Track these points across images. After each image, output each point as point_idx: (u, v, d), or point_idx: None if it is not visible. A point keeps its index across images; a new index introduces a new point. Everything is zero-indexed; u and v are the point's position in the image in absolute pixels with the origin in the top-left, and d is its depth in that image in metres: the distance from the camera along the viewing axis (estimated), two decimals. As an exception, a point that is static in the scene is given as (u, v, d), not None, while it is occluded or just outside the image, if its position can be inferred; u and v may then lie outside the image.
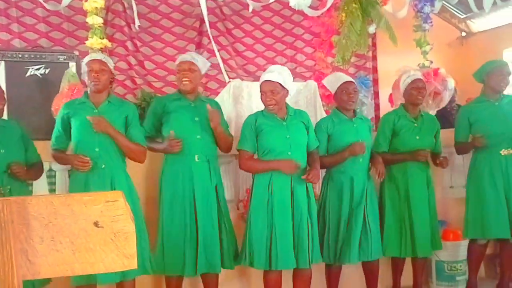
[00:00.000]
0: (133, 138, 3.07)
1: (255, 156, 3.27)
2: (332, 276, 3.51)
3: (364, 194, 3.39)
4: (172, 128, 3.12)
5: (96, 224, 1.19)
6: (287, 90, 3.21)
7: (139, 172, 3.29)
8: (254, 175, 3.29)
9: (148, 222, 3.12)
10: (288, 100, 3.32)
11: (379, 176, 3.41)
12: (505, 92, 3.73)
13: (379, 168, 3.41)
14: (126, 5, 6.11)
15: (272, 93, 3.13)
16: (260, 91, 3.18)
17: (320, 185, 3.56)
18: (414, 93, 3.62)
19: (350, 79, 3.55)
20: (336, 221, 3.37)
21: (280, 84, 3.14)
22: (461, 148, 3.78)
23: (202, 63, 3.28)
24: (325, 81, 3.71)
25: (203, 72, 3.31)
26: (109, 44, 4.65)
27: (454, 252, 3.98)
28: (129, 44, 6.23)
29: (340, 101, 3.49)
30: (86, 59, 3.09)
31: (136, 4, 5.39)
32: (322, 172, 3.49)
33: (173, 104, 3.22)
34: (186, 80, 3.18)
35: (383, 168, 3.42)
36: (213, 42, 5.60)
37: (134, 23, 5.62)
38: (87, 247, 1.19)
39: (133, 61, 6.23)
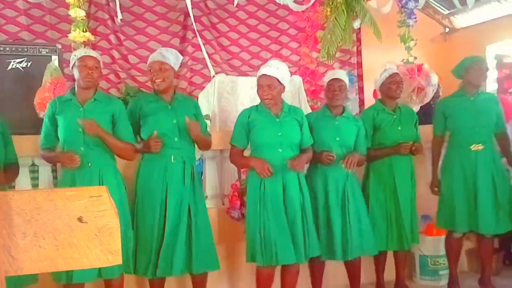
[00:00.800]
0: (122, 136, 3.03)
1: (247, 151, 3.27)
2: (316, 271, 3.52)
3: (343, 193, 3.38)
4: (150, 131, 3.10)
5: (80, 219, 1.18)
6: (284, 86, 3.19)
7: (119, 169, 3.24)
8: (248, 173, 3.29)
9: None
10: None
11: (346, 166, 3.25)
12: (482, 89, 3.78)
13: (349, 157, 3.28)
14: (109, -2, 6.04)
15: (269, 87, 3.11)
16: (257, 85, 3.16)
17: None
18: (393, 87, 3.65)
19: (338, 76, 3.51)
20: (321, 218, 3.36)
21: (278, 79, 3.12)
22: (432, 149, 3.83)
23: (174, 59, 3.21)
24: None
25: (176, 67, 3.27)
26: (92, 38, 4.59)
27: (437, 246, 4.02)
28: (112, 37, 6.17)
29: (326, 98, 3.52)
30: (80, 53, 3.00)
31: (119, -3, 5.33)
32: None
33: (150, 106, 3.18)
34: (159, 80, 3.14)
35: (354, 158, 3.30)
36: (198, 37, 5.57)
37: (117, 16, 5.57)
38: (70, 242, 1.17)
39: (116, 55, 6.17)
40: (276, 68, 3.12)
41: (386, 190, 3.59)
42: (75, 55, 3.01)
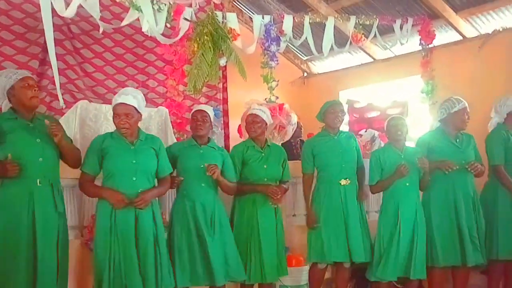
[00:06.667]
0: None
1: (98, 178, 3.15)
2: None
3: (212, 219, 3.44)
4: (10, 150, 2.87)
5: None
6: (141, 114, 3.19)
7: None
8: (97, 202, 3.17)
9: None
10: (139, 125, 3.27)
11: (208, 169, 3.35)
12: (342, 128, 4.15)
13: (212, 165, 3.39)
14: (-41, 13, 5.53)
15: (127, 116, 3.09)
16: (114, 113, 3.11)
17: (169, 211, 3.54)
18: (249, 125, 3.88)
19: (203, 108, 3.67)
20: (186, 245, 3.36)
21: (135, 108, 3.11)
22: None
23: None
24: None
25: None
26: None
27: (297, 277, 4.21)
28: (-41, 55, 5.63)
29: (191, 128, 3.63)
30: None
31: (-29, 13, 4.87)
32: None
33: (8, 124, 2.96)
34: (35, 95, 2.99)
35: (217, 168, 3.41)
36: (52, 62, 5.10)
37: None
38: None
39: (-37, 73, 5.62)
40: (133, 97, 3.12)
41: (249, 224, 3.71)
42: None
